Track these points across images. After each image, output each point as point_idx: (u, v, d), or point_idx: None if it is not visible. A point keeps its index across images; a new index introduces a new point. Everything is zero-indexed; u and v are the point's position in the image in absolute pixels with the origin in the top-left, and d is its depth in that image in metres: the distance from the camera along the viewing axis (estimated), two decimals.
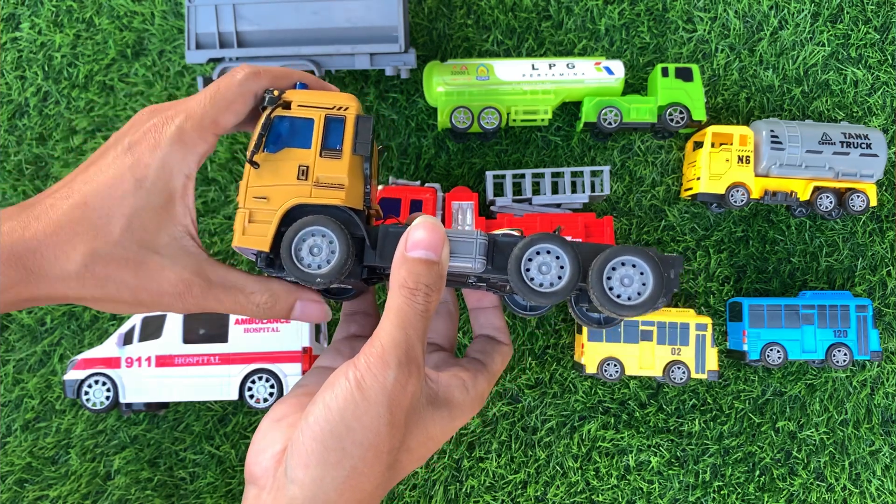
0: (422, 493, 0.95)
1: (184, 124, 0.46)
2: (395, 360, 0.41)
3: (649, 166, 1.00)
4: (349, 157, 0.48)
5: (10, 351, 0.97)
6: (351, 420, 0.40)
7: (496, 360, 0.51)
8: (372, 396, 0.40)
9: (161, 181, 0.45)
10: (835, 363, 0.93)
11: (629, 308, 0.44)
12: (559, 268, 0.45)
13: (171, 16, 1.00)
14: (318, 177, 0.48)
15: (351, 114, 0.49)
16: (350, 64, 0.92)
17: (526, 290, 0.45)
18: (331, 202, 0.47)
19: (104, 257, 0.44)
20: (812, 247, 0.99)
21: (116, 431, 0.96)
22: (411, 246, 0.44)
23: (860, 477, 0.96)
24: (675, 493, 0.96)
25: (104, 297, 0.45)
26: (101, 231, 0.44)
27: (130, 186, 0.45)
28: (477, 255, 0.46)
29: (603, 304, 0.44)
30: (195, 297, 0.46)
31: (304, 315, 0.50)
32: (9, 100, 1.00)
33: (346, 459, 0.40)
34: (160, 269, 0.45)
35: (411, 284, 0.43)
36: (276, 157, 0.48)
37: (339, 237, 0.46)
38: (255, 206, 0.47)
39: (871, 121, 1.00)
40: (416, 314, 0.43)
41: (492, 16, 1.01)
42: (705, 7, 1.01)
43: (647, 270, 0.45)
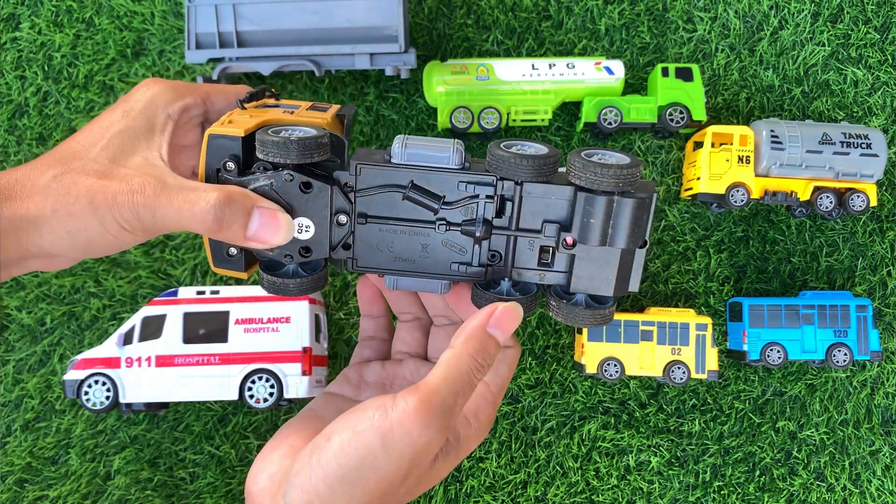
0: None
1: (178, 81, 0.51)
2: (437, 423, 0.39)
3: (649, 166, 1.00)
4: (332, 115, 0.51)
5: (10, 351, 0.97)
6: (367, 470, 0.39)
7: (501, 372, 0.49)
8: (398, 451, 0.39)
9: (146, 112, 0.48)
10: (835, 363, 0.93)
11: (613, 166, 0.42)
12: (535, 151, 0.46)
13: (171, 16, 1.00)
14: (303, 117, 0.50)
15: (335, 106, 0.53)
16: (350, 64, 0.92)
17: (509, 156, 0.44)
18: (314, 123, 0.48)
19: (74, 169, 0.45)
20: (812, 247, 0.99)
21: (116, 431, 0.96)
22: (495, 323, 0.43)
23: (860, 477, 0.96)
24: (676, 493, 0.96)
25: (63, 208, 0.44)
26: (80, 153, 0.46)
27: (118, 116, 0.48)
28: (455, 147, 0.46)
29: (586, 168, 0.43)
30: (146, 196, 0.44)
31: (263, 227, 0.45)
32: (9, 100, 1.00)
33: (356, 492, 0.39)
34: (123, 175, 0.45)
35: (480, 360, 0.42)
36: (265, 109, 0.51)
37: (315, 127, 0.47)
38: (237, 118, 0.48)
39: (871, 121, 1.00)
40: (471, 385, 0.42)
41: (492, 16, 1.01)
42: (705, 7, 1.01)
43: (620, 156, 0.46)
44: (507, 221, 0.47)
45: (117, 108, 0.49)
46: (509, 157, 0.44)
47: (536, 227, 0.47)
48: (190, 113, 0.50)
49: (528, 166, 0.43)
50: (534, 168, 0.44)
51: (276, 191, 0.46)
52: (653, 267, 0.99)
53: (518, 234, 0.48)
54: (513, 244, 0.48)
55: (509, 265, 0.49)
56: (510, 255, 0.49)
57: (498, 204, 0.47)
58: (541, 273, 0.49)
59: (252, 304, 0.89)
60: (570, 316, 0.49)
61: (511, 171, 0.44)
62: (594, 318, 0.48)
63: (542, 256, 0.48)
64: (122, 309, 0.97)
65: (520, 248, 0.48)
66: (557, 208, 0.46)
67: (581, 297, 0.50)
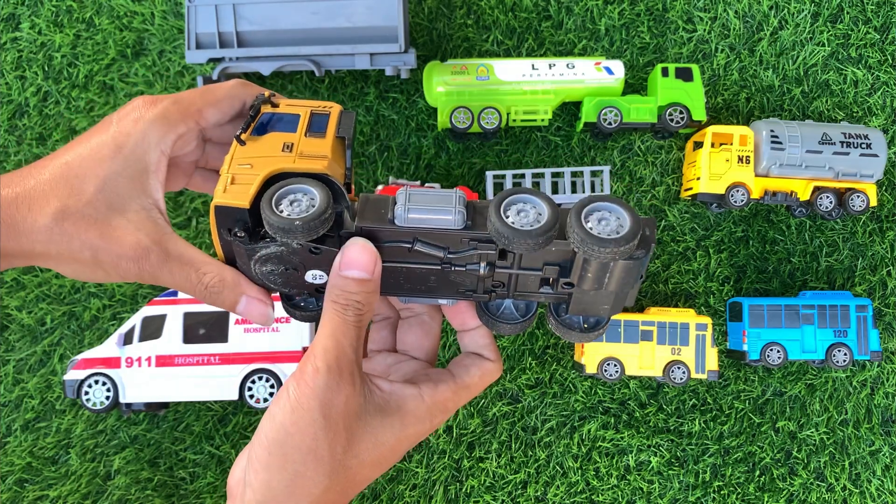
0: (422, 492, 0.95)
1: (169, 106, 0.49)
2: (324, 367, 0.44)
3: (649, 166, 1.00)
4: (332, 138, 0.50)
5: (10, 351, 0.97)
6: (289, 427, 0.43)
7: (472, 373, 0.52)
8: (305, 402, 0.43)
9: (139, 151, 0.48)
10: (835, 363, 0.93)
11: (611, 241, 0.43)
12: (537, 213, 0.46)
13: (171, 16, 1.00)
14: (302, 150, 0.49)
15: (335, 110, 0.51)
16: (350, 64, 0.92)
17: (507, 230, 0.44)
18: (314, 169, 0.48)
19: (73, 214, 0.46)
20: (812, 247, 0.99)
21: (116, 431, 0.96)
22: (343, 265, 0.46)
23: (860, 477, 0.96)
24: (675, 493, 0.96)
25: (67, 253, 0.47)
26: (75, 190, 0.46)
27: (109, 152, 0.48)
28: (457, 206, 0.46)
29: (584, 241, 0.44)
30: (151, 264, 0.47)
31: (248, 311, 0.51)
32: (9, 100, 1.00)
33: (288, 464, 0.43)
34: (124, 232, 0.47)
35: (342, 301, 0.46)
36: (262, 139, 0.50)
37: (319, 192, 0.46)
38: (238, 172, 0.47)
39: (871, 121, 1.00)
40: (347, 325, 0.45)
41: (492, 16, 1.01)
42: (705, 7, 1.01)
43: (622, 215, 0.45)
44: (510, 263, 0.49)
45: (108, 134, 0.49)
46: (508, 235, 0.44)
47: (538, 266, 0.49)
48: (184, 140, 0.51)
49: (526, 242, 0.44)
50: (532, 244, 0.45)
51: (286, 254, 0.48)
52: (653, 267, 0.99)
53: (520, 272, 0.50)
54: (515, 277, 0.51)
55: (511, 290, 0.52)
56: (513, 285, 0.51)
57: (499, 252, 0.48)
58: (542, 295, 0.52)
59: None
60: (566, 334, 0.53)
61: (509, 244, 0.45)
62: (589, 337, 0.53)
63: (542, 285, 0.51)
64: (122, 309, 0.98)
65: (521, 280, 0.51)
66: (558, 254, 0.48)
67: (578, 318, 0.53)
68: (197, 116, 0.50)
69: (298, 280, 0.50)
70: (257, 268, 0.49)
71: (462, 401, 0.51)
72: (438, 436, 0.96)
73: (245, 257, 0.49)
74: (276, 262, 0.48)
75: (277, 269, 0.49)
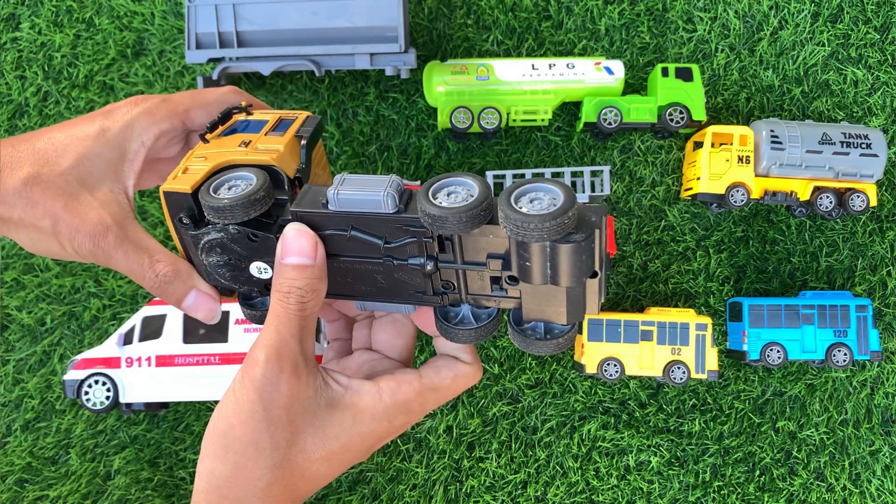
0: (422, 492, 0.95)
1: (158, 103, 0.51)
2: (263, 358, 0.43)
3: (649, 166, 1.00)
4: (290, 136, 0.50)
5: (10, 351, 0.97)
6: (231, 418, 0.43)
7: (442, 375, 0.49)
8: (243, 394, 0.43)
9: (120, 138, 0.49)
10: (835, 363, 0.93)
11: (536, 217, 0.39)
12: (468, 193, 0.43)
13: (171, 16, 1.00)
14: (256, 146, 0.49)
15: (301, 116, 0.52)
16: (350, 64, 0.92)
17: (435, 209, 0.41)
18: (262, 160, 0.48)
19: (43, 182, 0.47)
20: (812, 247, 0.99)
21: (116, 431, 0.96)
22: (284, 253, 0.45)
23: (860, 477, 0.96)
24: (675, 493, 0.96)
25: (28, 220, 0.47)
26: (51, 161, 0.48)
27: (93, 132, 0.49)
28: (388, 189, 0.44)
29: (510, 220, 0.40)
30: (107, 243, 0.48)
31: (196, 305, 0.51)
32: (9, 100, 1.00)
33: (230, 455, 0.44)
34: (88, 207, 0.48)
35: (284, 289, 0.45)
36: (226, 138, 0.51)
37: (257, 176, 0.46)
38: (192, 164, 0.48)
39: (871, 121, 1.00)
40: (290, 315, 0.44)
41: (492, 16, 1.01)
42: (705, 7, 1.01)
43: (556, 193, 0.41)
44: (452, 256, 0.46)
45: (96, 120, 0.50)
46: (435, 214, 0.41)
47: (481, 260, 0.46)
48: (167, 136, 0.52)
49: (454, 222, 0.41)
50: (460, 223, 0.41)
51: (227, 241, 0.47)
52: (653, 267, 0.99)
53: (464, 268, 0.47)
54: (462, 275, 0.47)
55: (463, 292, 0.49)
56: (462, 285, 0.48)
57: (438, 242, 0.45)
58: (496, 299, 0.48)
59: None
60: (525, 344, 0.48)
61: (439, 226, 0.42)
62: (549, 346, 0.48)
63: (492, 286, 0.47)
64: (122, 309, 0.98)
65: (470, 278, 0.48)
66: (499, 244, 0.45)
67: (539, 325, 0.49)
68: (184, 116, 0.51)
69: (245, 273, 0.49)
70: (204, 258, 0.49)
71: (429, 403, 0.49)
72: (438, 436, 0.96)
73: (192, 247, 0.49)
74: (220, 251, 0.48)
75: (222, 259, 0.49)
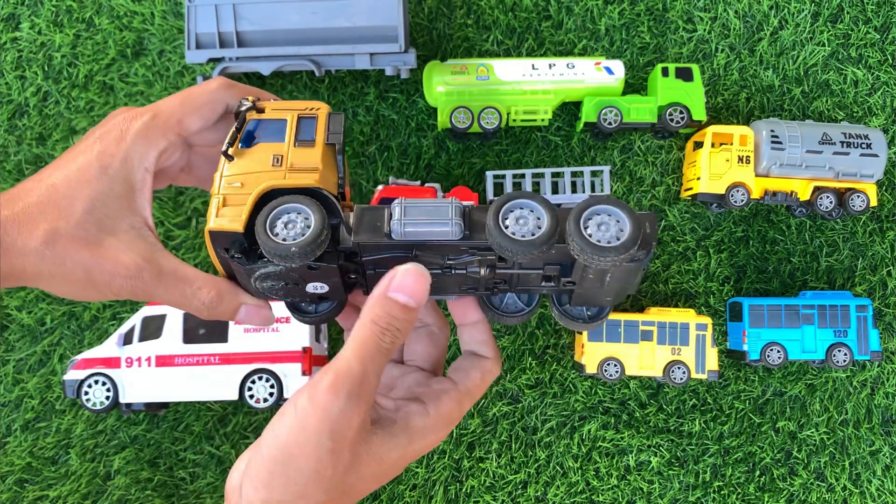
0: (422, 492, 0.95)
1: (149, 121, 0.48)
2: (345, 392, 0.42)
3: (649, 166, 1.00)
4: (322, 146, 0.49)
5: (10, 351, 0.97)
6: (293, 448, 0.42)
7: (472, 377, 0.51)
8: (315, 425, 0.41)
9: (124, 171, 0.47)
10: (835, 363, 0.93)
11: (611, 250, 0.42)
12: (536, 219, 0.44)
13: (171, 16, 1.00)
14: (292, 163, 0.47)
15: (322, 113, 0.50)
16: (350, 64, 0.92)
17: (506, 241, 0.43)
18: (305, 183, 0.46)
19: (64, 236, 0.46)
20: (812, 247, 0.99)
21: (116, 431, 0.96)
22: (395, 288, 0.44)
23: (860, 477, 0.96)
24: (675, 493, 0.96)
25: (60, 274, 0.46)
26: (64, 212, 0.46)
27: (95, 172, 0.47)
28: (453, 217, 0.45)
29: (584, 250, 0.43)
30: (145, 282, 0.47)
31: (248, 318, 0.51)
32: (9, 100, 1.00)
33: (290, 485, 0.42)
34: (116, 251, 0.47)
35: (383, 324, 0.44)
36: (251, 151, 0.48)
37: (314, 211, 0.45)
38: (230, 192, 0.46)
39: (871, 121, 1.00)
40: (380, 352, 0.43)
41: (492, 16, 1.01)
42: (705, 7, 1.01)
43: (622, 217, 0.44)
44: (510, 264, 0.48)
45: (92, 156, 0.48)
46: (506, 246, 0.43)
47: (538, 266, 0.48)
48: (167, 153, 0.50)
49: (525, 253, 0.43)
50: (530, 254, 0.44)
51: (285, 272, 0.47)
52: (653, 267, 0.99)
53: (522, 272, 0.49)
54: (517, 275, 0.50)
55: (513, 285, 0.51)
56: (514, 281, 0.51)
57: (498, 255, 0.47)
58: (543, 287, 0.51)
59: None
60: (570, 324, 0.52)
61: (509, 255, 0.44)
62: (591, 325, 0.53)
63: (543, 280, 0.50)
64: (122, 309, 0.97)
65: (523, 277, 0.50)
66: (559, 255, 0.47)
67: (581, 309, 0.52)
68: (178, 128, 0.49)
69: (300, 291, 0.49)
70: (258, 284, 0.48)
71: (466, 408, 0.50)
72: None
73: (244, 275, 0.48)
74: (276, 278, 0.48)
75: (278, 284, 0.48)
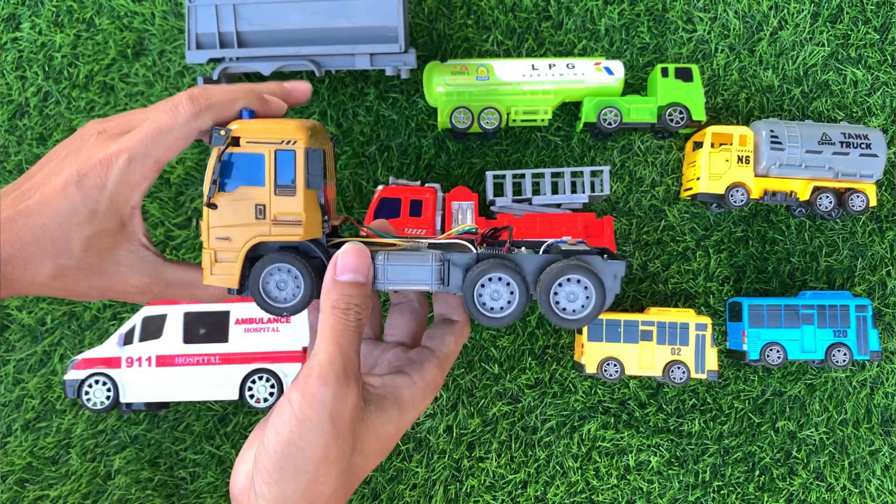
0: (422, 492, 0.96)
1: (126, 167, 0.50)
2: (333, 377, 0.44)
3: (649, 166, 1.00)
4: (303, 191, 0.50)
5: (10, 351, 0.97)
6: (298, 440, 0.44)
7: (447, 342, 0.54)
8: (314, 415, 0.44)
9: (111, 212, 0.50)
10: (834, 363, 0.93)
11: (573, 321, 0.49)
12: (509, 293, 0.49)
13: (171, 16, 1.00)
14: (275, 215, 0.50)
15: (300, 147, 0.50)
16: (350, 64, 0.92)
17: (479, 316, 0.49)
18: (290, 239, 0.50)
19: (70, 269, 0.50)
20: (812, 247, 0.99)
21: (117, 431, 0.96)
22: (340, 270, 0.47)
23: (860, 477, 0.97)
24: (675, 493, 0.96)
25: (76, 296, 0.51)
26: (64, 249, 0.49)
27: (85, 217, 0.49)
28: (433, 280, 0.50)
29: (549, 317, 0.49)
30: (156, 293, 0.53)
31: None
32: (9, 100, 1.00)
33: (300, 475, 0.45)
34: (122, 276, 0.51)
35: (343, 305, 0.47)
36: (233, 196, 0.50)
37: (303, 274, 0.50)
38: (219, 247, 0.50)
39: (871, 121, 1.00)
40: (350, 331, 0.46)
41: (492, 16, 1.01)
42: (705, 7, 1.01)
43: (590, 286, 0.49)
44: None
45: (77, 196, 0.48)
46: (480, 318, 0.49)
47: None
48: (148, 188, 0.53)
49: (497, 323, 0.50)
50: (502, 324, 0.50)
51: None
52: (652, 267, 0.99)
53: None
54: None
55: None
56: None
57: None
58: None
59: (253, 305, 0.89)
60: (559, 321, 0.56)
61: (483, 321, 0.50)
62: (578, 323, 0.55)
63: None
64: (122, 309, 0.98)
65: None
66: None
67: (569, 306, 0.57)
68: (155, 167, 0.51)
69: None
70: None
71: (446, 371, 0.54)
72: (438, 436, 0.96)
73: None
74: None
75: None
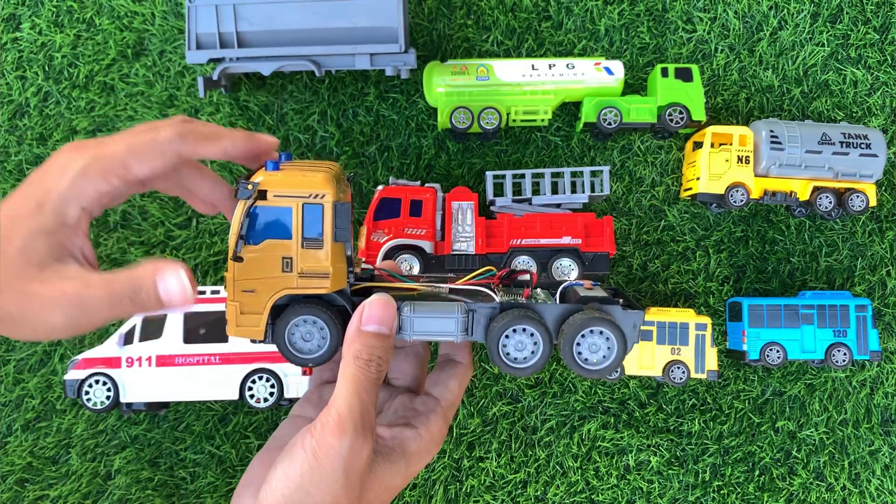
0: (422, 492, 0.96)
1: (91, 162, 0.48)
2: (351, 429, 0.44)
3: (649, 166, 1.00)
4: (331, 244, 0.50)
5: (10, 351, 0.97)
6: (308, 486, 0.44)
7: (451, 389, 0.53)
8: (328, 464, 0.44)
9: (58, 207, 0.47)
10: (834, 363, 0.93)
11: (595, 372, 0.50)
12: (533, 344, 0.50)
13: (171, 16, 1.00)
14: (302, 268, 0.49)
15: (328, 201, 0.49)
16: (350, 64, 0.92)
17: (504, 366, 0.50)
18: (317, 292, 0.50)
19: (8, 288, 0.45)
20: (812, 247, 0.99)
21: (117, 431, 0.96)
22: (366, 320, 0.47)
23: (860, 476, 0.97)
24: (675, 493, 0.96)
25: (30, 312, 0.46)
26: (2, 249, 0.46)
27: (32, 208, 0.47)
28: (458, 331, 0.51)
29: (571, 367, 0.50)
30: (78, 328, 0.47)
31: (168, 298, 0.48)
32: (9, 100, 1.00)
33: None
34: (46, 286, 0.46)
35: (365, 356, 0.46)
36: (259, 249, 0.50)
37: (329, 326, 0.50)
38: (245, 300, 0.50)
39: (871, 121, 1.00)
40: (370, 382, 0.46)
41: (492, 16, 1.01)
42: (705, 7, 1.01)
43: (612, 337, 0.49)
44: None
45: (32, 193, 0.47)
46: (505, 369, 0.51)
47: None
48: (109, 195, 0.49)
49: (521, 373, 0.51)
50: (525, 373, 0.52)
51: None
52: (652, 267, 0.99)
53: None
54: None
55: None
56: None
57: None
58: None
59: None
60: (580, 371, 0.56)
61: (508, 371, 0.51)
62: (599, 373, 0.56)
63: None
64: None
65: None
66: None
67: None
68: (122, 172, 0.48)
69: None
70: None
71: (451, 420, 0.53)
72: None
73: None
74: None
75: None
